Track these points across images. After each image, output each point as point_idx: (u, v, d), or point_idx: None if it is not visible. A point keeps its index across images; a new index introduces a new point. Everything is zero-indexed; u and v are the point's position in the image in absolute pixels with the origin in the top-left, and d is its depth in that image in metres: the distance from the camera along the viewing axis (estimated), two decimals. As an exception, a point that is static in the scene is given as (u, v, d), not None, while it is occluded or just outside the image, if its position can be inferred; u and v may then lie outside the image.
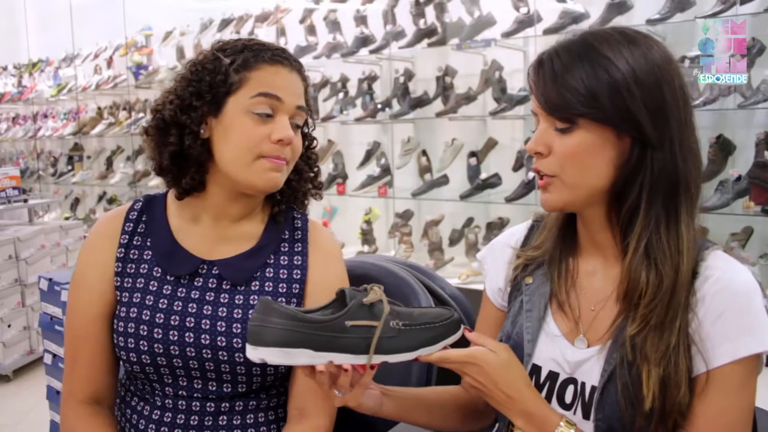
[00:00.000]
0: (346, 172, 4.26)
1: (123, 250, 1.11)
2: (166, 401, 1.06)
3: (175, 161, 1.07)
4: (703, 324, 0.83)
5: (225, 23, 4.83)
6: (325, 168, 4.35)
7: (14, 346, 3.35)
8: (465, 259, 3.76)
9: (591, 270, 0.94)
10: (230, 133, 1.04)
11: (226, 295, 1.07)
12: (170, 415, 1.06)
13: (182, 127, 1.05)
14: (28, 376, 3.36)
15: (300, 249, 1.14)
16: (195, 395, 1.06)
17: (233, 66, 1.04)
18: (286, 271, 1.11)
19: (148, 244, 1.12)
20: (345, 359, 0.82)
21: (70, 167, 5.75)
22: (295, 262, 1.12)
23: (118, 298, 1.10)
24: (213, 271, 1.09)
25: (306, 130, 1.17)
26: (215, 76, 1.04)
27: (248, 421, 1.07)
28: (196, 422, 1.05)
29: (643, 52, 0.84)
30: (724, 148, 3.03)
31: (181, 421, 1.05)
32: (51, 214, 5.62)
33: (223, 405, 1.06)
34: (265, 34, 4.59)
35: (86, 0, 5.64)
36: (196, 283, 1.08)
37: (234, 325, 1.04)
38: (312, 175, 1.19)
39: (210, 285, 1.08)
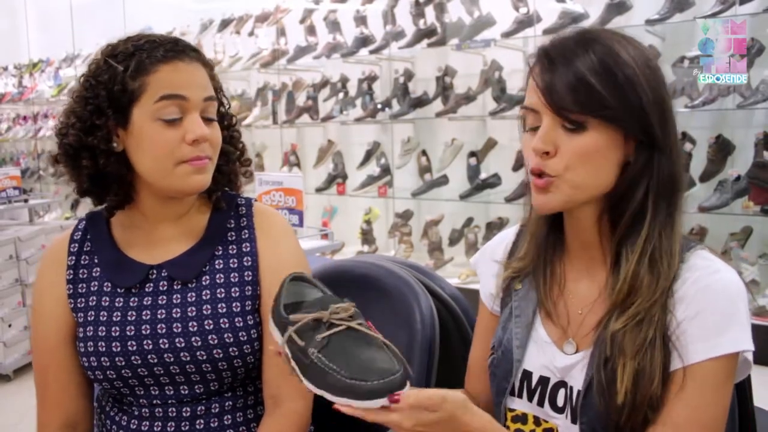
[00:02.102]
0: (346, 172, 4.27)
1: (72, 271, 1.09)
2: (143, 410, 1.05)
3: (95, 181, 1.04)
4: (682, 323, 0.82)
5: (225, 23, 4.84)
6: (325, 168, 4.36)
7: (15, 345, 3.34)
8: (465, 258, 3.76)
9: (577, 274, 0.93)
10: (143, 143, 1.00)
11: (179, 295, 1.06)
12: (147, 423, 1.04)
13: (92, 149, 1.01)
14: (29, 375, 3.36)
15: (247, 235, 1.11)
16: (169, 401, 1.05)
17: (128, 72, 0.99)
18: (236, 260, 1.09)
19: (96, 260, 1.08)
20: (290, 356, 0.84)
21: (70, 167, 5.75)
22: (244, 249, 1.10)
23: (76, 319, 1.08)
24: (162, 274, 1.07)
25: (223, 110, 1.12)
26: (112, 87, 0.99)
27: (226, 422, 1.06)
28: (173, 428, 1.04)
29: (640, 49, 0.84)
30: (723, 148, 3.03)
31: (158, 429, 1.04)
32: (51, 214, 5.63)
33: (199, 408, 1.05)
34: (265, 34, 4.60)
35: (86, 0, 5.65)
36: (146, 290, 1.06)
37: (190, 324, 1.03)
38: (239, 153, 1.16)
39: (161, 288, 1.06)
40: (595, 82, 0.80)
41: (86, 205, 1.13)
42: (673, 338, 0.82)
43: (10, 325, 3.34)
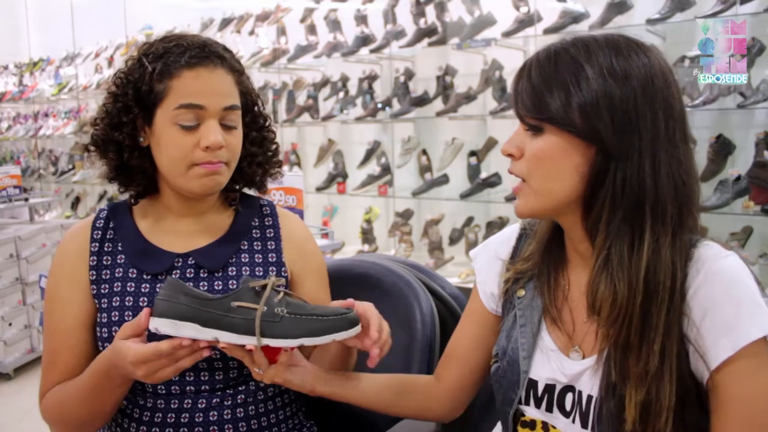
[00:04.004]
0: (347, 172, 4.26)
1: (95, 258, 1.11)
2: (158, 402, 1.06)
3: (119, 171, 1.10)
4: (696, 322, 0.81)
5: (225, 22, 4.84)
6: (326, 167, 4.36)
7: (15, 344, 3.35)
8: (465, 258, 3.76)
9: (580, 281, 0.93)
10: (161, 144, 1.05)
11: (205, 283, 1.09)
12: (160, 415, 1.06)
13: (118, 143, 1.07)
14: (29, 374, 3.37)
15: (272, 234, 1.16)
16: (187, 388, 1.06)
17: (155, 74, 1.03)
18: (261, 256, 1.13)
19: (120, 248, 1.12)
20: (228, 338, 0.88)
21: (70, 166, 5.76)
22: (269, 247, 1.14)
23: (97, 305, 1.10)
24: (189, 262, 1.10)
25: (257, 109, 1.17)
26: (140, 87, 1.04)
27: (238, 414, 1.07)
28: (186, 419, 1.05)
29: (625, 62, 0.83)
30: (723, 147, 3.03)
31: (171, 420, 1.05)
32: (52, 213, 5.63)
33: (214, 400, 1.06)
34: (266, 33, 4.60)
35: (87, -1, 5.65)
36: (173, 276, 1.09)
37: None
38: (270, 154, 1.19)
39: (188, 275, 1.09)
40: (545, 89, 0.84)
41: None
42: (693, 340, 0.81)
43: (10, 324, 3.35)
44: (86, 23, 5.65)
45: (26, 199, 3.87)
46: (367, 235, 4.15)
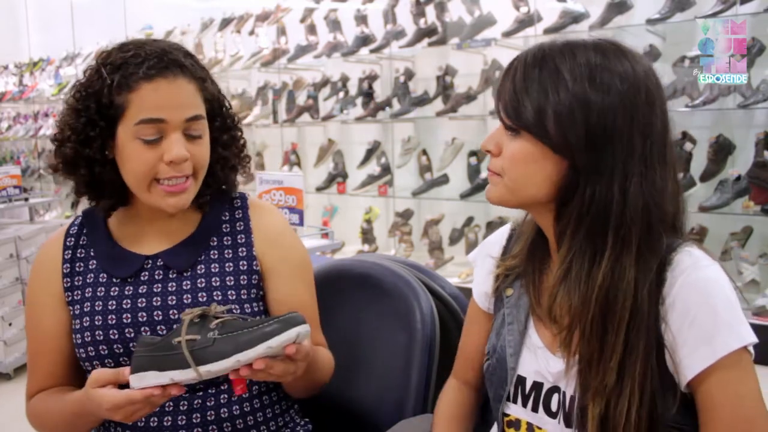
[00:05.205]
0: (347, 172, 4.27)
1: (68, 265, 1.12)
2: None
3: (90, 186, 1.08)
4: (673, 331, 0.80)
5: (225, 22, 4.85)
6: (326, 167, 4.36)
7: (15, 344, 3.35)
8: (465, 258, 3.76)
9: None
10: (125, 159, 1.02)
11: (174, 284, 1.08)
12: (143, 420, 1.05)
13: (88, 158, 1.04)
14: (29, 374, 3.37)
15: (242, 227, 1.14)
16: None
17: (114, 87, 1.00)
18: (231, 251, 1.12)
19: (92, 253, 1.12)
20: (180, 375, 0.87)
21: (70, 166, 5.75)
22: (239, 241, 1.13)
23: (71, 312, 1.10)
24: (158, 263, 1.09)
25: (225, 110, 1.13)
26: (101, 100, 1.01)
27: (222, 415, 1.07)
28: (169, 422, 1.05)
29: (609, 75, 0.81)
30: (723, 147, 3.03)
31: (155, 424, 1.05)
32: (52, 213, 5.63)
33: (196, 401, 1.06)
34: (266, 33, 4.60)
35: (87, -1, 5.65)
36: (142, 278, 1.08)
37: (186, 311, 1.04)
38: (242, 154, 1.17)
39: (157, 277, 1.09)
40: (524, 94, 0.84)
41: (86, 205, 1.15)
42: (671, 350, 0.81)
43: (10, 324, 3.34)
44: (86, 23, 5.66)
45: (26, 199, 3.87)
46: (367, 235, 4.15)
